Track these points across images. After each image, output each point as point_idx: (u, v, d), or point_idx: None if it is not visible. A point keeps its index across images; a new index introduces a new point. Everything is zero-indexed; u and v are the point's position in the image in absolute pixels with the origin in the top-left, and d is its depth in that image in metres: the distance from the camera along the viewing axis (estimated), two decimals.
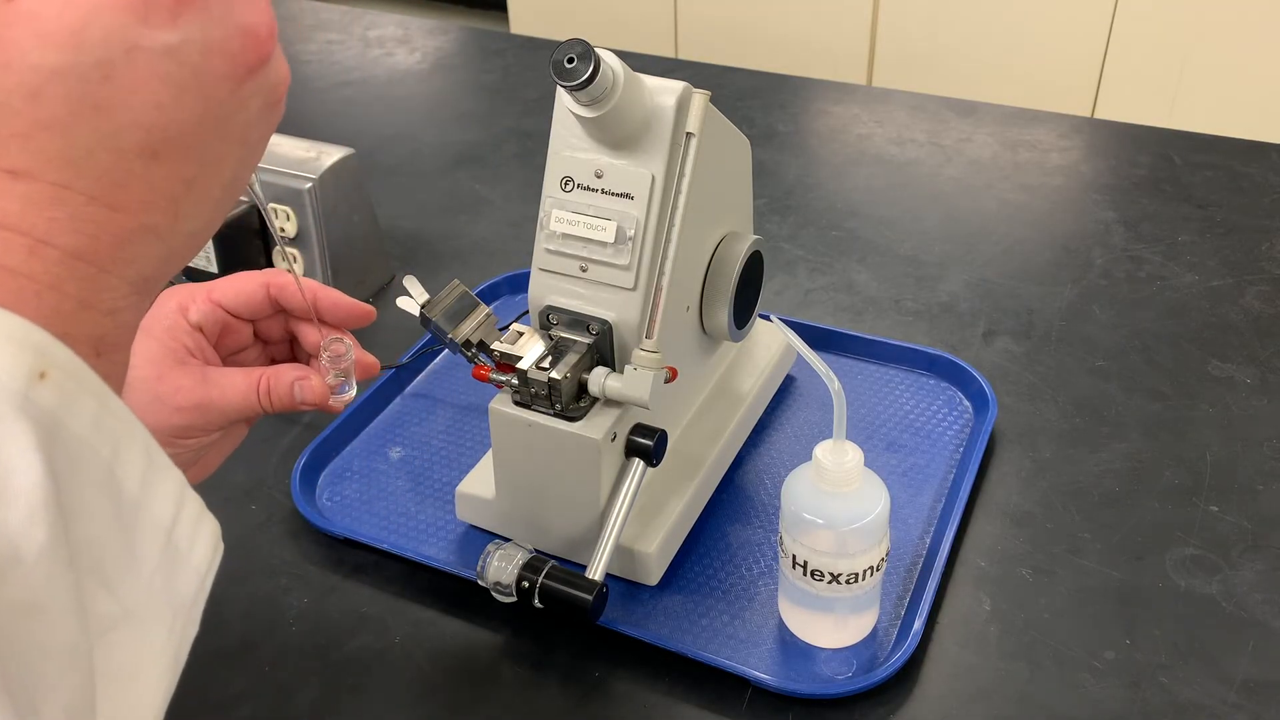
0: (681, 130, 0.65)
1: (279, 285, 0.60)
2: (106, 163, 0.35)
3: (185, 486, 0.38)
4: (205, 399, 0.56)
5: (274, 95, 0.40)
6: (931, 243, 1.09)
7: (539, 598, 0.66)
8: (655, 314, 0.66)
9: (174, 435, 0.56)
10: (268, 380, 0.58)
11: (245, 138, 0.40)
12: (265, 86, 0.39)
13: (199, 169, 0.38)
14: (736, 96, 1.39)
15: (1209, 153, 1.22)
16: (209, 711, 0.66)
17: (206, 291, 0.59)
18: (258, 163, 0.42)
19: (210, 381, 0.57)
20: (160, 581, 0.36)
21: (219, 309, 0.59)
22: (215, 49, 0.36)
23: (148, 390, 0.56)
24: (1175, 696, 0.65)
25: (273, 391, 0.58)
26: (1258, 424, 0.84)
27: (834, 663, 0.67)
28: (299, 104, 1.43)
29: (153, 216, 0.37)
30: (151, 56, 0.35)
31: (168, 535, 0.36)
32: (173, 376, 0.56)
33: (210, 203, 0.39)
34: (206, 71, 0.36)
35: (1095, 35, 2.35)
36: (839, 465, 0.63)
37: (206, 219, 0.40)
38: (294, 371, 0.59)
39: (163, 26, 0.35)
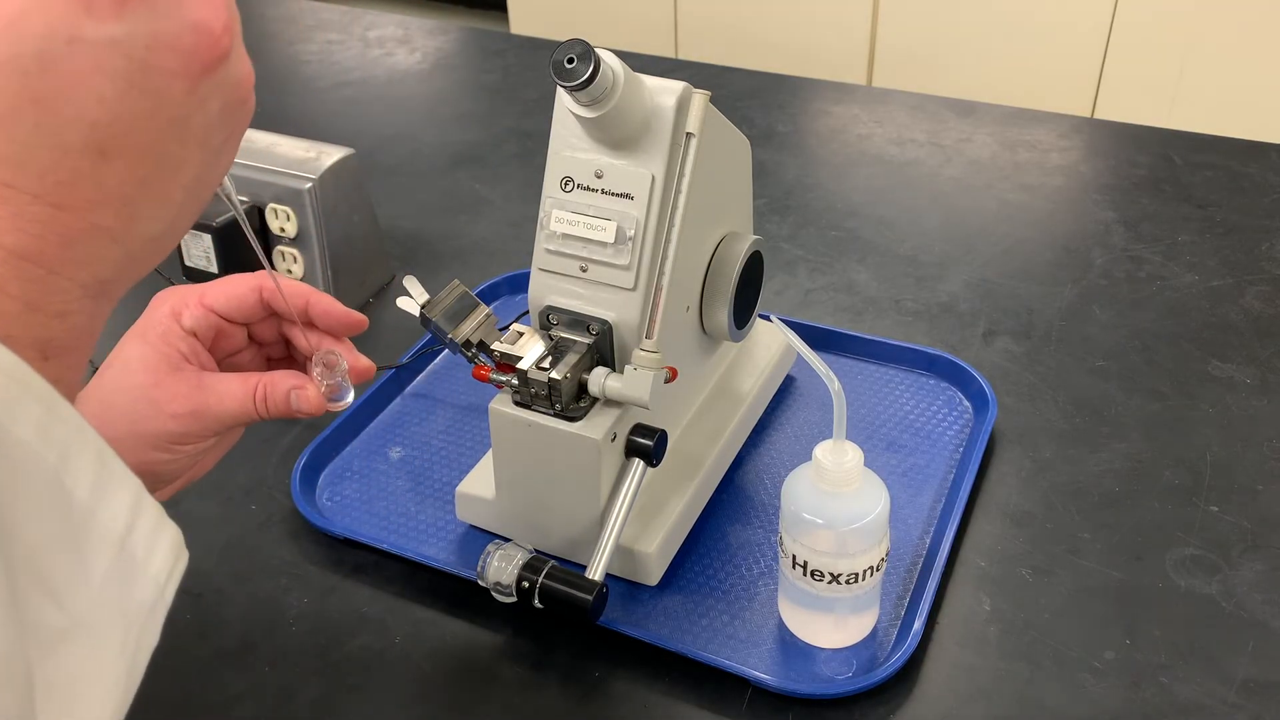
0: (681, 130, 0.65)
1: (270, 290, 0.60)
2: (49, 159, 0.34)
3: (142, 494, 0.37)
4: (201, 406, 0.56)
5: (235, 95, 0.39)
6: (931, 243, 1.09)
7: (539, 598, 0.66)
8: (655, 314, 0.66)
9: (170, 441, 0.56)
10: (264, 388, 0.57)
11: (206, 139, 0.38)
12: (224, 85, 0.38)
13: (154, 169, 0.37)
14: (736, 96, 1.39)
15: (1209, 153, 1.22)
16: (209, 711, 0.66)
17: (199, 296, 0.59)
18: (229, 165, 0.41)
19: (206, 388, 0.56)
20: (113, 591, 0.35)
21: (211, 314, 0.59)
22: (164, 44, 0.35)
23: (144, 397, 0.55)
24: (1175, 696, 0.65)
25: (269, 399, 0.57)
26: (1258, 424, 0.84)
27: (834, 663, 0.67)
28: (299, 104, 1.43)
29: (104, 217, 0.36)
30: (94, 49, 0.33)
31: (121, 544, 0.35)
32: (168, 383, 0.56)
33: (171, 205, 0.38)
34: (155, 67, 0.35)
35: (1095, 35, 2.35)
36: (839, 465, 0.63)
37: (168, 222, 0.39)
38: (290, 380, 0.58)
39: (106, 19, 0.33)
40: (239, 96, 0.39)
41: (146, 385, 0.55)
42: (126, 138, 0.35)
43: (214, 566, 0.76)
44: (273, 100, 1.45)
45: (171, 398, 0.55)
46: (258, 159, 0.97)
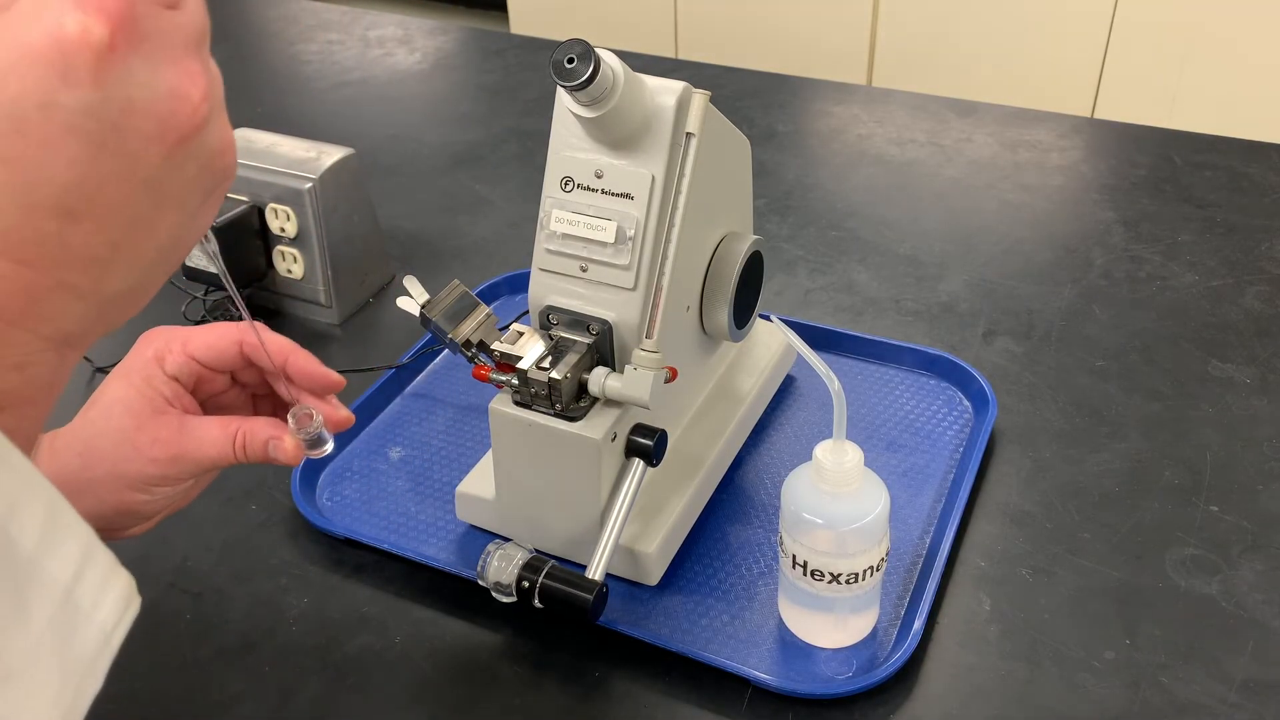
0: (681, 130, 0.65)
1: (251, 345, 0.60)
2: (15, 218, 0.34)
3: (94, 543, 0.37)
4: (180, 451, 0.57)
5: (215, 162, 0.39)
6: (931, 243, 1.09)
7: (539, 598, 0.66)
8: (655, 314, 0.66)
9: (149, 484, 0.57)
10: (243, 435, 0.58)
11: (182, 202, 0.38)
12: (202, 151, 0.38)
13: (125, 231, 0.37)
14: (736, 96, 1.39)
15: (1209, 153, 1.22)
16: (209, 711, 0.66)
17: (182, 343, 0.59)
18: (207, 224, 0.41)
19: (186, 432, 0.57)
20: (53, 641, 0.35)
21: (193, 362, 0.59)
22: (139, 110, 0.35)
23: (125, 440, 0.56)
24: (1175, 696, 0.65)
25: (248, 446, 0.58)
26: (1258, 424, 0.84)
27: (834, 663, 0.67)
28: (299, 104, 1.43)
29: (71, 275, 0.36)
30: (68, 114, 0.34)
31: (67, 593, 0.35)
32: (150, 427, 0.57)
33: (142, 265, 0.38)
34: (129, 132, 0.35)
35: (1095, 35, 2.35)
36: (839, 465, 0.63)
37: (138, 280, 0.39)
38: (269, 429, 0.59)
39: (82, 85, 0.33)
40: (219, 164, 0.39)
41: (128, 428, 0.56)
42: (97, 200, 0.35)
43: (214, 566, 0.76)
44: (273, 100, 1.45)
45: (152, 442, 0.56)
46: (258, 159, 0.97)
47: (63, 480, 0.55)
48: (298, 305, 1.02)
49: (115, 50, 0.34)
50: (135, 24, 0.34)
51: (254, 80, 1.51)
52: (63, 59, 0.33)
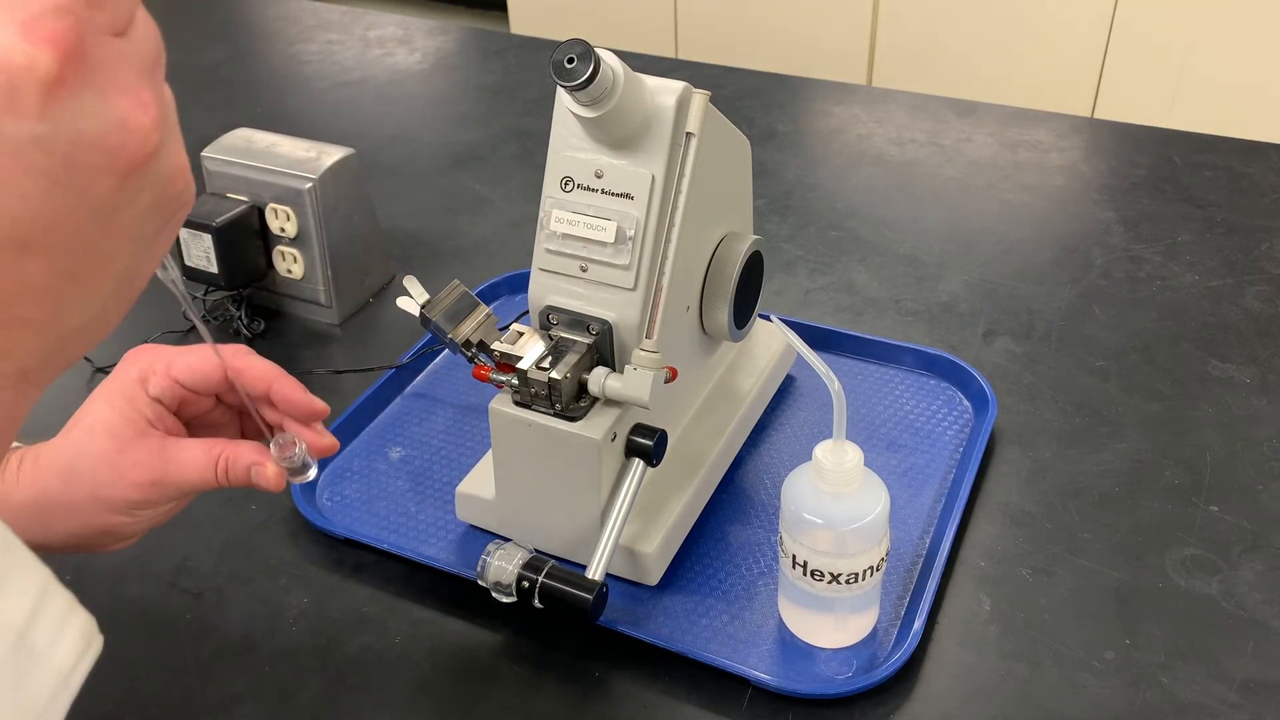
0: (681, 130, 0.65)
1: (235, 370, 0.59)
2: None
3: (50, 584, 0.36)
4: (161, 475, 0.56)
5: (168, 188, 0.38)
6: (931, 243, 1.09)
7: (539, 598, 0.66)
8: (655, 314, 0.66)
9: (130, 507, 0.57)
10: (226, 459, 0.58)
11: (138, 231, 0.37)
12: (156, 180, 0.37)
13: (80, 263, 0.36)
14: (736, 96, 1.39)
15: (1209, 153, 1.22)
16: (209, 711, 0.66)
17: (166, 365, 0.59)
18: (164, 252, 0.41)
19: (168, 456, 0.57)
20: (6, 683, 0.34)
21: (177, 385, 0.59)
22: (88, 141, 0.34)
23: (106, 463, 0.56)
24: (1175, 696, 0.65)
25: (230, 471, 0.58)
26: (1258, 424, 0.84)
27: (834, 663, 0.67)
28: (299, 104, 1.43)
29: (26, 310, 0.35)
30: (16, 146, 0.33)
31: (20, 636, 0.35)
32: (132, 449, 0.56)
33: (100, 296, 0.37)
34: (79, 163, 0.34)
35: (1095, 35, 2.35)
36: (839, 465, 0.63)
37: (96, 312, 0.38)
38: (252, 454, 0.58)
39: (29, 116, 0.32)
40: (173, 190, 0.38)
41: (109, 451, 0.56)
42: (49, 233, 0.34)
43: (214, 566, 0.76)
44: (273, 100, 1.45)
45: (133, 465, 0.56)
46: (258, 159, 0.97)
47: (44, 501, 0.56)
48: (298, 305, 1.02)
49: (64, 82, 0.33)
50: (84, 54, 0.33)
51: (254, 80, 1.51)
52: (9, 90, 0.32)
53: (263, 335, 0.99)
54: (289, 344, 0.98)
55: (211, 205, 0.96)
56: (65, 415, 0.58)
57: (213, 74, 1.51)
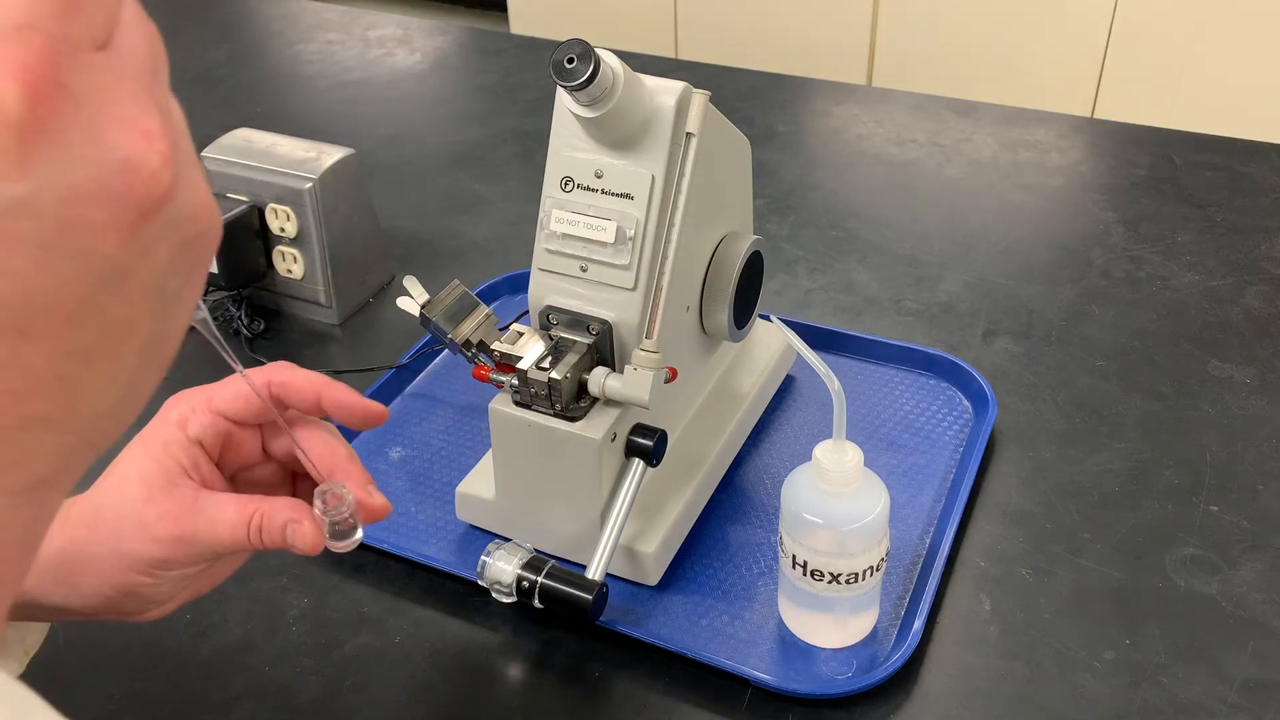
0: (681, 130, 0.65)
1: (280, 383, 0.54)
2: None
3: None
4: (190, 531, 0.51)
5: (191, 229, 0.31)
6: (931, 243, 1.09)
7: (539, 598, 0.66)
8: (655, 314, 0.66)
9: (151, 566, 0.51)
10: (261, 516, 0.51)
11: (159, 289, 0.31)
12: (174, 224, 0.30)
13: (94, 340, 0.29)
14: (736, 96, 1.39)
15: (1209, 153, 1.22)
16: (209, 711, 0.66)
17: (205, 401, 0.54)
18: (193, 304, 0.34)
19: (199, 512, 0.51)
20: None
21: (220, 419, 0.54)
22: (84, 195, 0.27)
23: (132, 513, 0.51)
24: (1175, 696, 0.65)
25: (265, 530, 0.52)
26: (1258, 424, 0.84)
27: (834, 663, 0.67)
28: (299, 104, 1.43)
29: (35, 406, 0.29)
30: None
31: None
32: (160, 500, 0.51)
33: (123, 373, 0.31)
34: (77, 223, 0.27)
35: (1095, 35, 2.35)
36: (839, 465, 0.63)
37: (124, 389, 0.31)
38: (289, 511, 0.52)
39: (5, 178, 0.26)
40: (196, 231, 0.31)
41: (137, 500, 0.51)
42: (50, 311, 0.28)
43: None
44: (273, 100, 1.45)
45: (159, 517, 0.50)
46: (258, 159, 0.97)
47: (70, 554, 0.50)
48: (298, 305, 1.02)
49: (42, 125, 0.26)
50: (62, 83, 0.26)
51: (254, 80, 1.51)
52: None
53: (263, 335, 0.99)
54: (289, 344, 0.98)
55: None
56: None
57: (213, 74, 1.51)
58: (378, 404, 0.57)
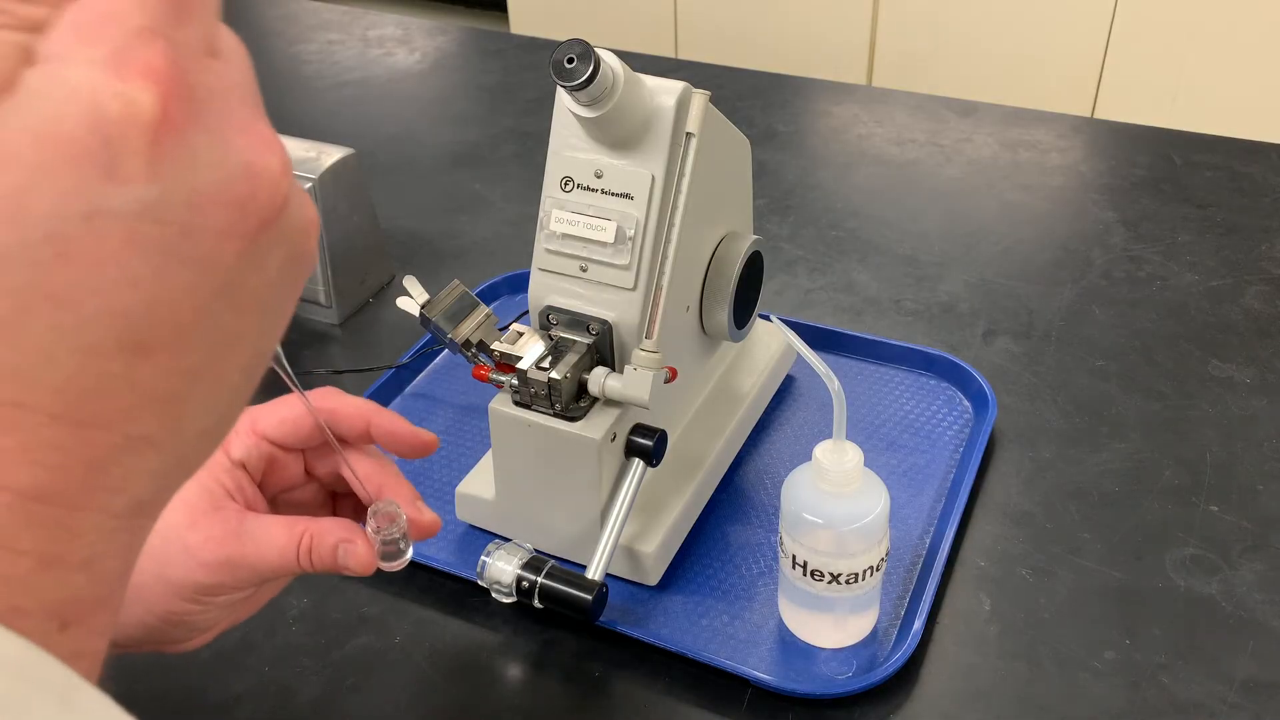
0: (681, 130, 0.65)
1: (329, 410, 0.53)
2: (72, 367, 0.26)
3: None
4: (237, 554, 0.50)
5: (298, 246, 0.31)
6: (931, 243, 1.09)
7: (539, 598, 0.66)
8: (655, 314, 0.66)
9: (199, 593, 0.50)
10: (310, 537, 0.51)
11: (266, 304, 0.30)
12: (285, 237, 0.30)
13: (206, 355, 0.28)
14: (736, 96, 1.39)
15: (1209, 153, 1.22)
16: (209, 711, 0.66)
17: (250, 423, 0.53)
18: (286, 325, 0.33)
19: (245, 535, 0.50)
20: None
21: (264, 442, 0.53)
22: (210, 198, 0.27)
23: (176, 538, 0.49)
24: (1175, 696, 0.65)
25: (314, 551, 0.51)
26: (1258, 424, 0.84)
27: (834, 663, 0.67)
28: (299, 104, 1.43)
29: (143, 425, 0.28)
30: (122, 221, 0.25)
31: None
32: (205, 524, 0.49)
33: (225, 390, 0.30)
34: (200, 229, 0.27)
35: (1095, 35, 2.35)
36: (839, 466, 0.63)
37: (222, 411, 0.31)
38: (340, 531, 0.51)
39: (136, 179, 0.25)
40: (306, 248, 0.31)
41: (181, 525, 0.49)
42: (169, 324, 0.27)
43: None
44: (273, 100, 1.44)
45: (205, 541, 0.49)
46: None
47: None
48: (298, 305, 1.01)
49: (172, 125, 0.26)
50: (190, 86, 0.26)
51: None
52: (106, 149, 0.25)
53: None
54: (289, 344, 0.98)
55: None
56: None
57: None
58: (428, 433, 0.56)
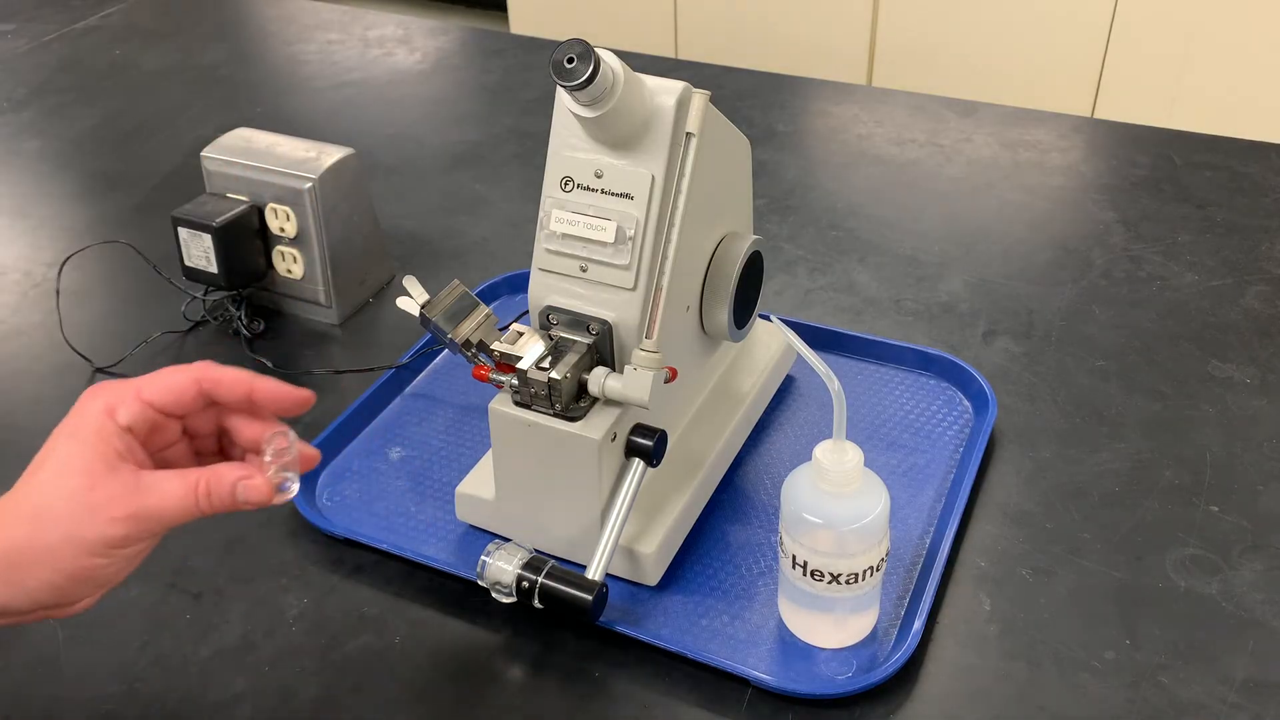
0: (681, 130, 0.65)
1: (211, 380, 0.57)
2: None
3: None
4: (141, 508, 0.54)
5: None
6: (931, 243, 1.09)
7: (539, 598, 0.66)
8: (655, 314, 0.66)
9: (110, 546, 0.54)
10: (206, 483, 0.55)
11: None
12: None
13: None
14: (736, 96, 1.39)
15: (1209, 153, 1.22)
16: (209, 711, 0.66)
17: (135, 391, 0.57)
18: None
19: (144, 488, 0.54)
20: None
21: (149, 408, 0.57)
22: None
23: (79, 501, 0.53)
24: (1175, 696, 0.65)
25: (213, 494, 0.55)
26: (1258, 424, 0.84)
27: (834, 663, 0.67)
28: (299, 104, 1.43)
29: None
30: None
31: None
32: (105, 484, 0.54)
33: None
34: None
35: (1095, 35, 2.35)
36: (839, 466, 0.63)
37: None
38: (235, 471, 0.56)
39: None
40: None
41: (82, 489, 0.53)
42: None
43: (214, 566, 0.76)
44: (273, 100, 1.45)
45: (109, 500, 0.53)
46: (258, 159, 0.97)
47: (13, 552, 0.53)
48: (298, 305, 1.02)
49: None
50: None
51: (254, 80, 1.51)
52: None
53: (263, 335, 0.99)
54: (289, 344, 0.98)
55: (211, 205, 0.96)
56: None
57: (213, 74, 1.51)
58: (307, 390, 0.60)
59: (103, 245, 1.10)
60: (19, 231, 1.18)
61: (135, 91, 1.48)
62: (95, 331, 1.00)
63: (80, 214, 1.21)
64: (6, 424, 0.89)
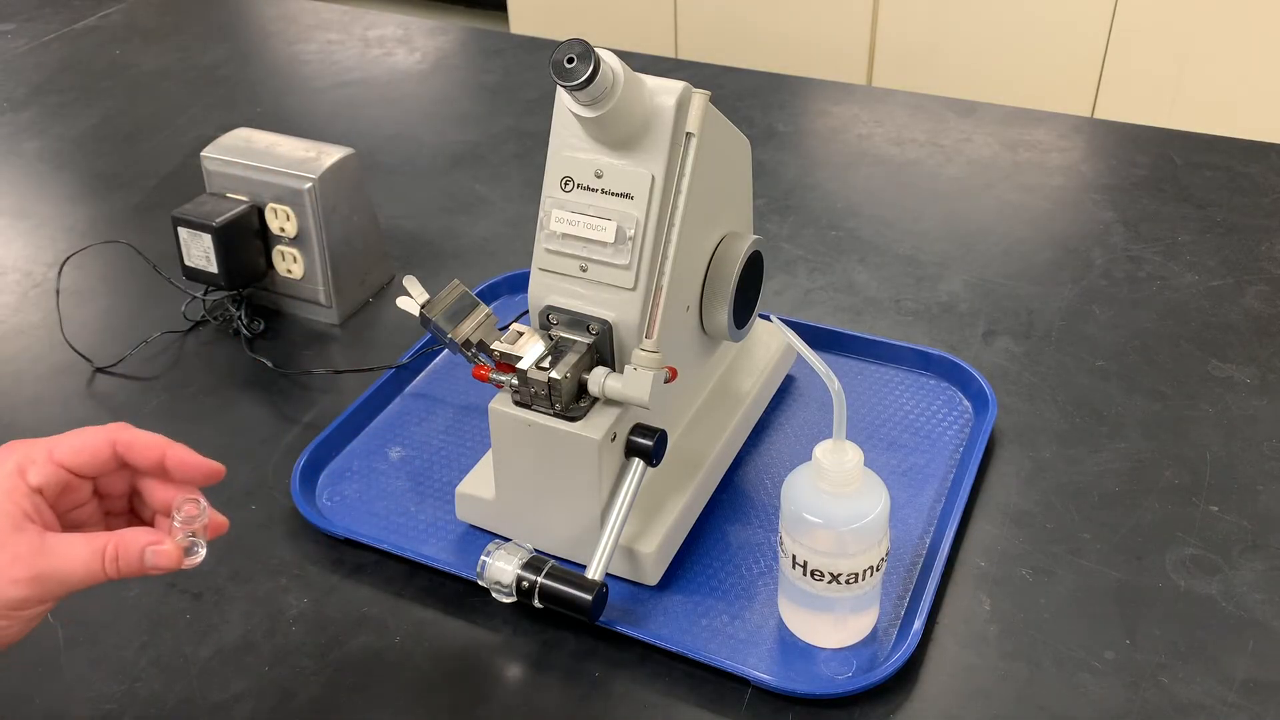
0: (681, 130, 0.65)
1: (125, 443, 0.57)
2: None
3: None
4: (45, 570, 0.53)
5: None
6: (931, 243, 1.09)
7: (539, 598, 0.66)
8: (655, 314, 0.66)
9: (10, 607, 0.53)
10: (114, 547, 0.55)
11: None
12: None
13: None
14: (736, 96, 1.39)
15: (1209, 153, 1.22)
16: (209, 711, 0.66)
17: (47, 451, 0.56)
18: None
19: (49, 551, 0.53)
20: None
21: (61, 469, 0.56)
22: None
23: None
24: (1175, 696, 0.65)
25: (120, 559, 0.55)
26: (1258, 424, 0.84)
27: (834, 663, 0.67)
28: (299, 104, 1.43)
29: None
30: None
31: None
32: (9, 544, 0.53)
33: None
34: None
35: (1095, 35, 2.35)
36: (839, 466, 0.63)
37: None
38: (144, 537, 0.55)
39: None
40: None
41: None
42: None
43: (214, 566, 0.76)
44: (273, 100, 1.45)
45: (12, 561, 0.53)
46: (257, 159, 0.97)
47: None
48: (298, 305, 1.02)
49: None
50: None
51: (254, 80, 1.51)
52: None
53: (263, 335, 0.99)
54: (289, 344, 0.98)
55: (211, 205, 0.96)
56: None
57: (213, 74, 1.51)
58: (217, 463, 0.59)
59: (103, 245, 1.10)
60: (19, 231, 1.18)
61: (135, 91, 1.48)
62: (95, 331, 1.00)
63: (80, 214, 1.21)
64: (6, 424, 0.89)
